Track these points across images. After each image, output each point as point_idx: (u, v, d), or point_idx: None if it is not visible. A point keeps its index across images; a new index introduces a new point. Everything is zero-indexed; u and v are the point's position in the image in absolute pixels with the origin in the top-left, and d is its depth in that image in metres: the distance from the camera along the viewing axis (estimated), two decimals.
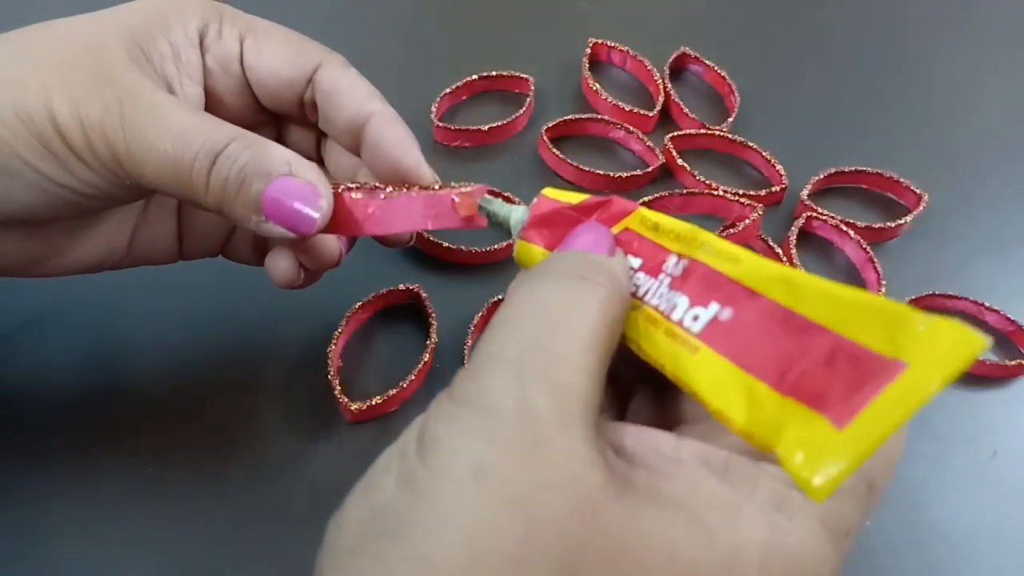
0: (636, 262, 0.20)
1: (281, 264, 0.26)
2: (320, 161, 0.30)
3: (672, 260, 0.19)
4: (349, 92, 0.26)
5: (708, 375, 0.16)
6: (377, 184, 0.25)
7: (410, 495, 0.14)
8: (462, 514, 0.14)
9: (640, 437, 0.17)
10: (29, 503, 0.29)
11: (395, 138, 0.26)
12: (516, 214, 0.23)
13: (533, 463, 0.14)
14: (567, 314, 0.16)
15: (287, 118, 0.28)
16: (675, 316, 0.18)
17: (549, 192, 0.22)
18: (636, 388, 0.21)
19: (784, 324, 0.16)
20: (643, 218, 0.20)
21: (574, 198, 0.22)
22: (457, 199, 0.24)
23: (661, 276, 0.19)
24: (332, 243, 0.27)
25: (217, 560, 0.28)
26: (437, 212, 0.24)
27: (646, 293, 0.19)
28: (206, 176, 0.22)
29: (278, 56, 0.26)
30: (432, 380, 0.33)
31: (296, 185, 0.22)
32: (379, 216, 0.24)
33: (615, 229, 0.21)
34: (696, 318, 0.17)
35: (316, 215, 0.23)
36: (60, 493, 0.29)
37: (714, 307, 0.17)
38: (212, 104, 0.26)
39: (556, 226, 0.22)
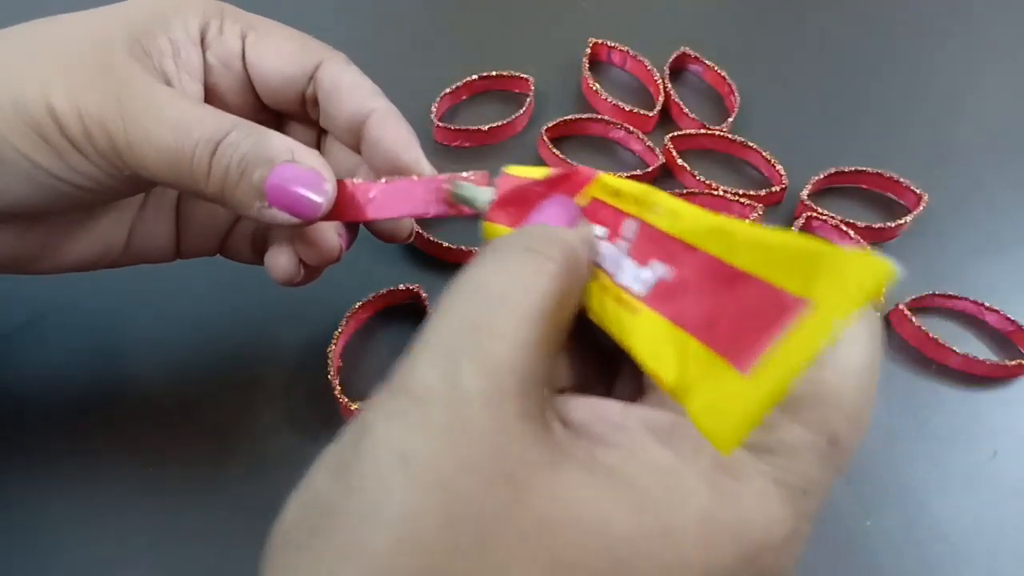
0: (602, 231, 0.19)
1: (281, 260, 0.26)
2: None
3: (627, 224, 0.18)
4: (350, 89, 0.26)
5: (646, 336, 0.16)
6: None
7: (340, 485, 0.14)
8: (387, 502, 0.13)
9: (588, 406, 0.16)
10: (29, 503, 0.29)
11: (395, 135, 0.26)
12: (484, 195, 0.23)
13: (457, 445, 0.14)
14: (507, 289, 0.16)
15: (288, 116, 0.28)
16: (620, 279, 0.17)
17: (511, 169, 0.22)
18: (623, 363, 0.20)
19: (718, 276, 0.15)
20: (604, 185, 0.20)
21: (538, 173, 0.21)
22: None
23: (618, 241, 0.18)
24: (332, 237, 0.26)
25: (217, 560, 0.28)
26: (439, 197, 0.24)
27: (604, 260, 0.18)
28: (207, 164, 0.22)
29: (280, 53, 0.26)
30: None
31: (299, 171, 0.22)
32: (381, 200, 0.24)
33: (583, 200, 0.20)
34: (637, 279, 0.17)
35: (320, 199, 0.23)
36: (60, 493, 0.29)
37: (655, 266, 0.17)
38: (212, 101, 0.26)
39: (522, 203, 0.21)
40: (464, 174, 0.24)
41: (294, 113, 0.28)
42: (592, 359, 0.20)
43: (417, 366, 0.15)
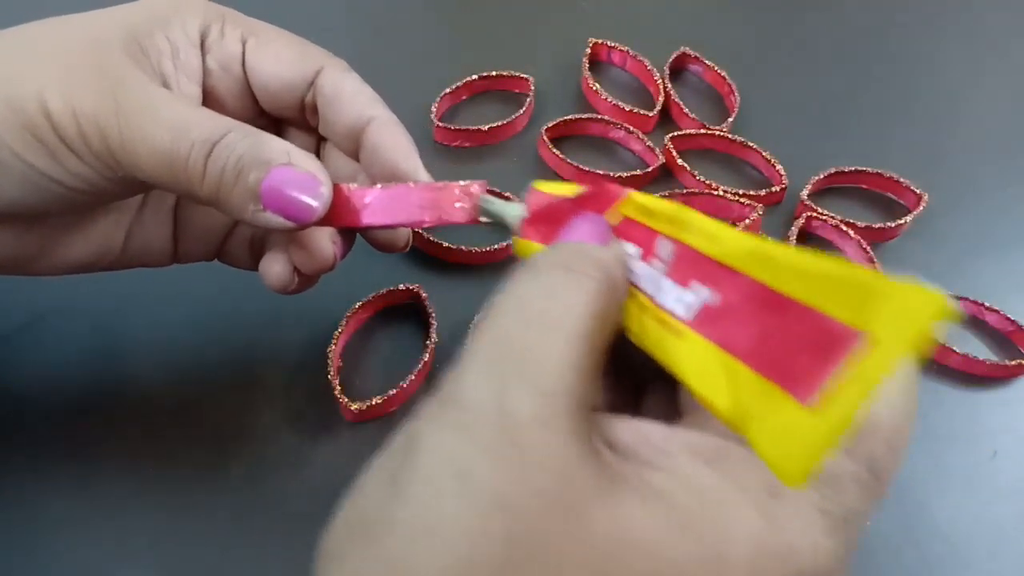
0: (635, 250, 0.19)
1: (275, 268, 0.26)
2: None
3: (662, 244, 0.18)
4: (351, 96, 0.26)
5: (695, 361, 0.16)
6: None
7: (392, 496, 0.14)
8: (443, 518, 0.13)
9: (632, 429, 0.16)
10: (29, 503, 0.29)
11: (394, 142, 0.26)
12: (513, 211, 0.23)
13: (514, 467, 0.14)
14: (550, 307, 0.16)
15: (286, 122, 0.28)
16: (661, 301, 0.17)
17: (540, 185, 0.22)
18: (651, 381, 0.20)
19: (764, 302, 0.15)
20: (635, 203, 0.20)
21: (568, 190, 0.21)
22: (457, 192, 0.24)
23: (653, 261, 0.18)
24: (327, 245, 0.26)
25: (217, 560, 0.28)
26: (435, 205, 0.24)
27: (640, 280, 0.18)
28: (202, 166, 0.22)
29: (281, 59, 0.26)
30: (432, 380, 0.33)
31: (295, 174, 0.22)
32: (376, 207, 0.24)
33: (614, 218, 0.20)
34: (680, 301, 0.17)
35: (316, 203, 0.22)
36: (60, 493, 0.29)
37: (697, 289, 0.17)
38: (211, 104, 0.26)
39: (553, 220, 0.21)
40: (462, 183, 0.24)
41: (293, 119, 0.28)
42: (621, 378, 0.20)
43: (468, 382, 0.15)
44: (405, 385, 0.32)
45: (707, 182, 0.40)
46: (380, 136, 0.26)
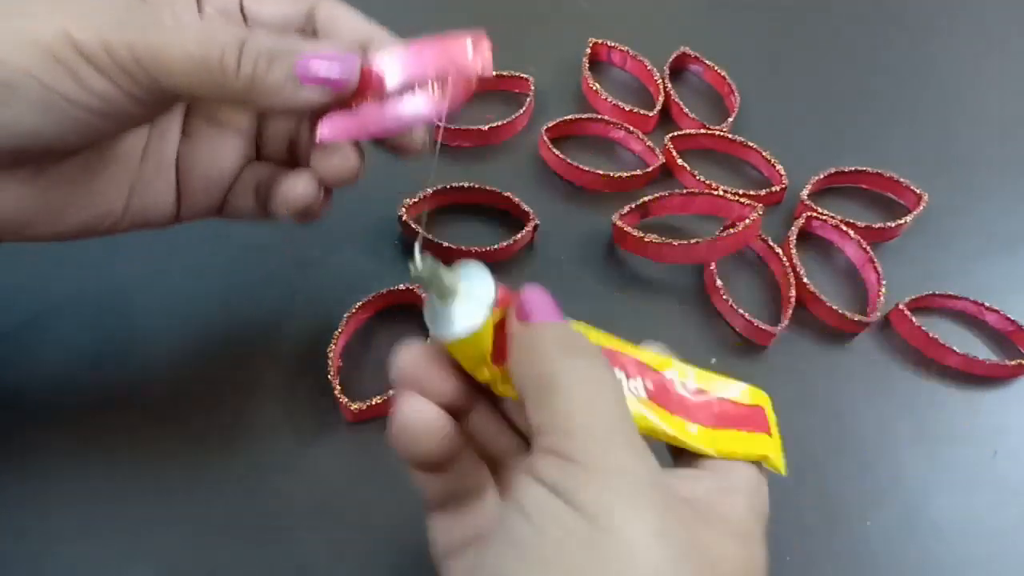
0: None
1: (298, 186, 0.27)
2: None
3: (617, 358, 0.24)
4: (347, 21, 0.27)
5: (695, 437, 0.23)
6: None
7: (604, 563, 0.16)
8: (656, 572, 0.16)
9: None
10: (29, 503, 0.29)
11: (391, 56, 0.26)
12: (483, 288, 0.21)
13: (678, 516, 0.18)
14: (613, 384, 0.20)
15: None
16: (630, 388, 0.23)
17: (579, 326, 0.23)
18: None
19: (686, 394, 0.24)
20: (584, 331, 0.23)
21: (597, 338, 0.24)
22: (465, 45, 0.26)
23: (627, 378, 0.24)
24: (351, 151, 0.27)
25: (217, 560, 0.28)
26: (448, 60, 0.26)
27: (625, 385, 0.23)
28: (235, 62, 0.23)
29: (279, 3, 0.26)
30: None
31: (322, 50, 0.24)
32: (394, 69, 0.26)
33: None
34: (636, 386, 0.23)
35: (350, 63, 0.24)
36: (60, 493, 0.29)
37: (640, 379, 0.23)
38: None
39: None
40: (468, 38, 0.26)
41: None
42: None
43: (614, 452, 0.18)
44: None
45: (707, 182, 0.40)
46: (382, 49, 0.27)
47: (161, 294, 0.34)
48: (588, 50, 0.47)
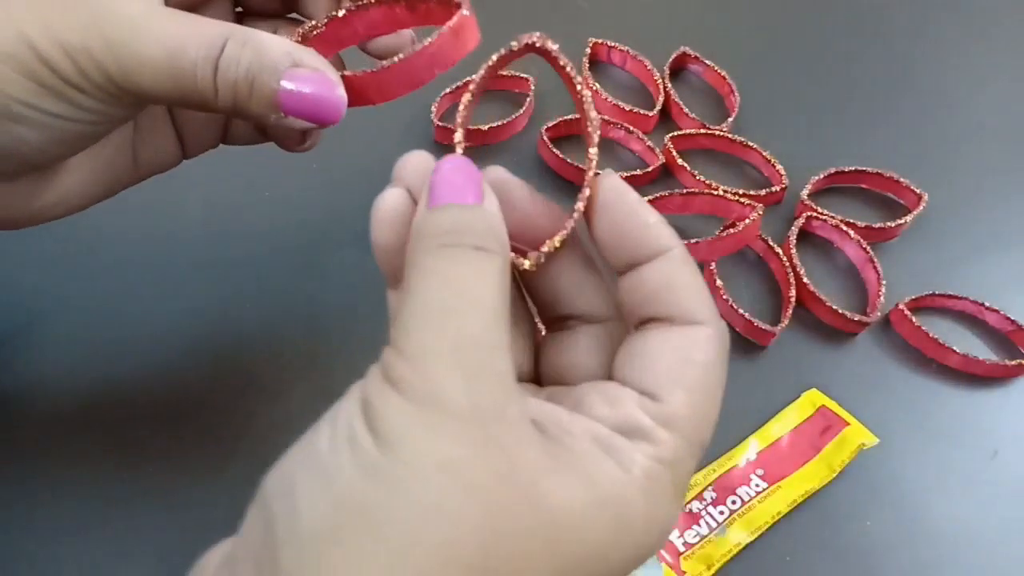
0: None
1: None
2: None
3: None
4: None
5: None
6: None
7: (382, 490, 0.15)
8: (433, 507, 0.15)
9: (541, 408, 0.19)
10: (29, 503, 0.29)
11: None
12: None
13: (484, 455, 0.16)
14: (483, 295, 0.17)
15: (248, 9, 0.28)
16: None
17: None
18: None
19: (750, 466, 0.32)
20: None
21: None
22: (451, 33, 0.23)
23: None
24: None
25: None
26: (443, 57, 0.24)
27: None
28: (212, 83, 0.22)
29: None
30: None
31: (306, 75, 0.22)
32: (384, 84, 0.24)
33: None
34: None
35: (336, 101, 0.23)
36: (60, 493, 0.29)
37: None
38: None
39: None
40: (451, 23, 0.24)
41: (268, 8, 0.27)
42: None
43: (434, 377, 0.16)
44: None
45: (707, 182, 0.40)
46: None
47: (160, 294, 0.34)
48: (588, 50, 0.47)
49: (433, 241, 0.18)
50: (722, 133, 0.43)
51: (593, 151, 0.22)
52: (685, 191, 0.39)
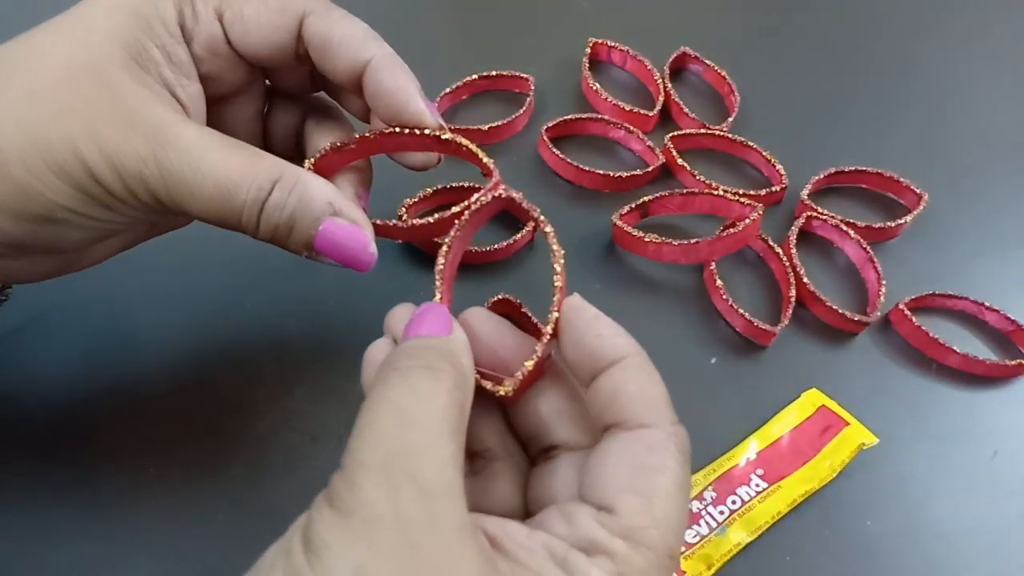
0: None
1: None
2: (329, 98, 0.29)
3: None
4: (340, 43, 0.25)
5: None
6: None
7: None
8: None
9: (498, 524, 0.19)
10: (29, 503, 0.29)
11: (394, 87, 0.25)
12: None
13: (407, 563, 0.16)
14: (421, 410, 0.18)
15: (282, 68, 0.28)
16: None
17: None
18: (499, 460, 0.23)
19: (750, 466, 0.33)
20: None
21: None
22: (485, 197, 0.25)
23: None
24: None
25: (216, 560, 0.28)
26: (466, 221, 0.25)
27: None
28: (256, 221, 0.23)
29: (261, 25, 0.25)
30: None
31: (344, 229, 0.24)
32: (412, 232, 0.26)
33: None
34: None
35: (368, 258, 0.24)
36: (60, 493, 0.29)
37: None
38: (210, 85, 0.26)
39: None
40: (491, 194, 0.25)
41: (291, 64, 0.27)
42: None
43: (361, 489, 0.17)
44: None
45: (707, 182, 0.40)
46: (379, 81, 0.25)
47: (161, 294, 0.34)
48: (588, 50, 0.47)
49: (389, 367, 0.19)
50: (722, 133, 0.43)
51: (559, 282, 0.23)
52: (685, 191, 0.39)
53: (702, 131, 0.43)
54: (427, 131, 0.26)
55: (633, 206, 0.38)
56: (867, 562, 0.30)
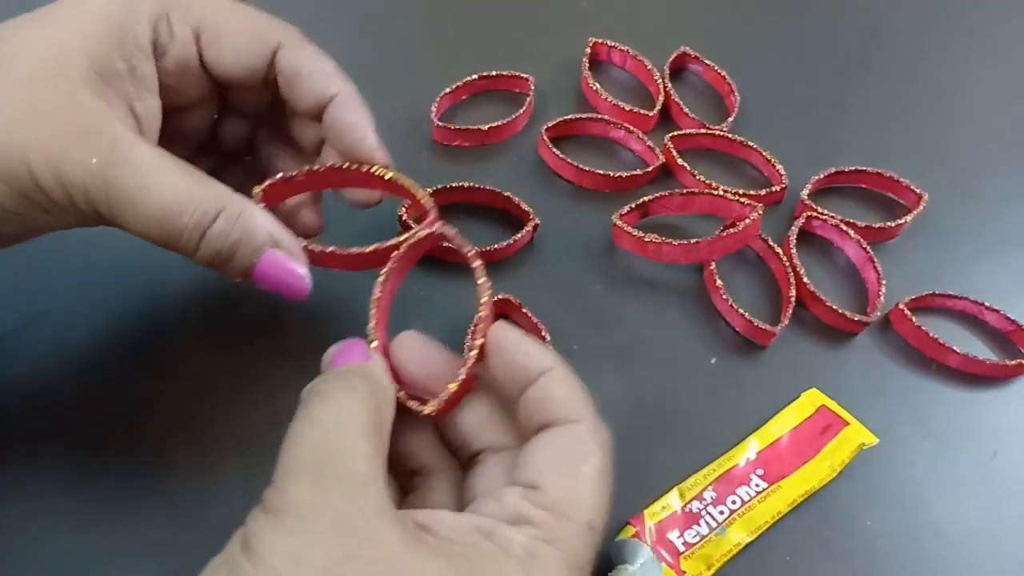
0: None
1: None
2: (283, 132, 0.30)
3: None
4: (310, 76, 0.27)
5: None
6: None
7: None
8: None
9: (427, 512, 0.21)
10: (28, 503, 0.29)
11: (353, 122, 0.27)
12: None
13: (337, 542, 0.18)
14: (339, 419, 0.20)
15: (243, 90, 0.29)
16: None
17: None
18: (433, 475, 0.25)
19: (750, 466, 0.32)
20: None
21: None
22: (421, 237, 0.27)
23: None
24: (311, 217, 0.30)
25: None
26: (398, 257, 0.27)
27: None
28: (195, 245, 0.24)
29: (237, 50, 0.26)
30: None
31: (282, 260, 0.25)
32: (346, 262, 0.28)
33: None
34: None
35: (303, 287, 0.26)
36: (59, 493, 0.29)
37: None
38: (170, 96, 0.26)
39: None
40: (424, 231, 0.27)
41: (255, 89, 0.28)
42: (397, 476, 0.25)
43: (290, 490, 0.19)
44: None
45: (707, 182, 0.40)
46: (339, 116, 0.27)
47: (161, 294, 0.34)
48: (588, 50, 0.47)
49: (311, 392, 0.22)
50: (722, 133, 0.43)
51: (483, 311, 0.25)
52: (685, 191, 0.39)
53: (702, 131, 0.43)
54: (374, 169, 0.28)
55: (633, 206, 0.38)
56: (867, 562, 0.30)
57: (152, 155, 0.23)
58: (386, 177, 0.28)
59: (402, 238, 0.27)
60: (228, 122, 0.30)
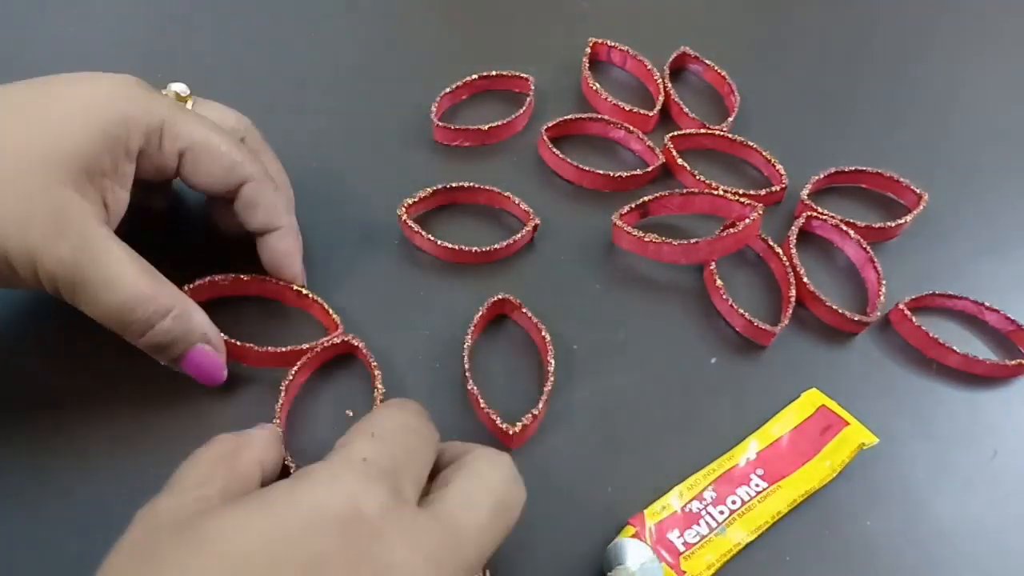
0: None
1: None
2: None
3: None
4: (264, 209, 0.31)
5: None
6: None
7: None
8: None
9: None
10: (27, 503, 0.29)
11: (285, 251, 0.33)
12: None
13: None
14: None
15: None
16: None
17: None
18: None
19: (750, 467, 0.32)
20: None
21: None
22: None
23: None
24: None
25: None
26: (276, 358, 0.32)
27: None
28: (140, 334, 0.28)
29: (211, 175, 0.30)
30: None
31: (208, 355, 0.29)
32: (260, 360, 0.32)
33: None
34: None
35: (219, 378, 0.30)
36: (59, 493, 0.29)
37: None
38: (136, 185, 0.29)
39: None
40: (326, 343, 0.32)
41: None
42: None
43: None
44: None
45: (707, 182, 0.40)
46: (277, 243, 0.32)
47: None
48: (588, 50, 0.47)
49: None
50: (722, 133, 0.43)
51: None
52: (685, 191, 0.39)
53: (702, 131, 0.43)
54: (293, 286, 0.33)
55: (633, 206, 0.38)
56: (867, 562, 0.30)
57: (120, 254, 0.27)
58: (302, 292, 0.33)
59: (311, 344, 0.32)
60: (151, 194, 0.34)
